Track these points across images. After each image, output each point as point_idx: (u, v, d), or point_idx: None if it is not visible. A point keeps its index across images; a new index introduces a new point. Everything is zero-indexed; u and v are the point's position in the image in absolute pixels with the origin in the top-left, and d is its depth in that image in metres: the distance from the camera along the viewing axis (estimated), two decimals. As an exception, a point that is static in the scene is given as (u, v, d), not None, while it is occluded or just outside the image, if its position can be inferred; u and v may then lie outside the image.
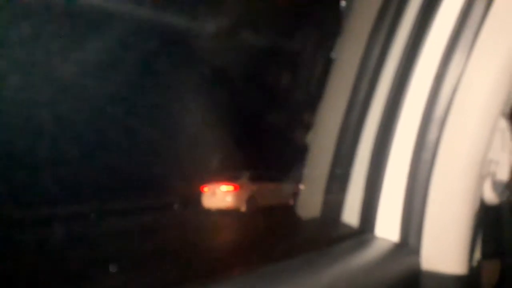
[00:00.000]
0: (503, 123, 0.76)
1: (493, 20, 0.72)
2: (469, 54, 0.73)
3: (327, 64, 0.99)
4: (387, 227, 0.81)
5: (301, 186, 0.99)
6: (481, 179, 0.75)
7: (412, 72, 0.78)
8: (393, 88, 0.81)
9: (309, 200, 0.96)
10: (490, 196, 0.77)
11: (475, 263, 0.83)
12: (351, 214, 0.87)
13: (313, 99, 1.02)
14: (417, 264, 0.77)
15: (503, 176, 0.77)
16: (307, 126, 1.03)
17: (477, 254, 0.85)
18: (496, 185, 0.77)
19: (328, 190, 0.92)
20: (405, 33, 0.81)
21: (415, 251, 0.77)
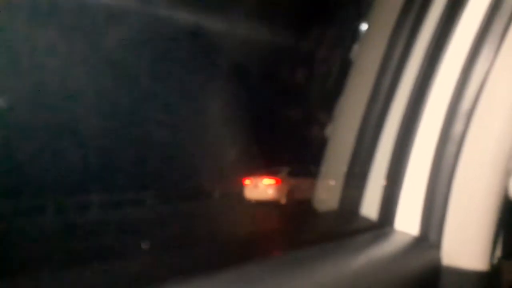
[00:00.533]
0: (531, 119, 0.74)
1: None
2: (498, 49, 0.72)
3: (350, 57, 0.99)
4: (407, 221, 0.80)
5: (321, 179, 0.99)
6: (506, 175, 0.73)
7: (439, 65, 0.77)
8: (418, 80, 0.80)
9: (329, 193, 0.96)
10: (515, 192, 0.75)
11: (495, 261, 0.82)
12: (370, 207, 0.86)
13: (335, 92, 1.01)
14: (437, 258, 0.76)
15: (529, 172, 0.75)
16: (328, 120, 1.02)
17: (498, 252, 0.83)
18: (521, 181, 0.75)
19: (348, 183, 0.91)
20: (432, 26, 0.80)
21: (436, 245, 0.76)
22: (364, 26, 1.04)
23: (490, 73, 0.73)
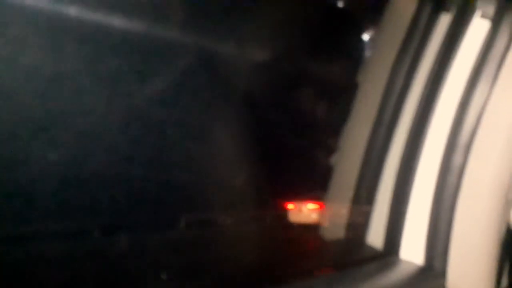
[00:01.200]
0: (529, 150, 0.76)
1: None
2: (494, 81, 0.75)
3: (355, 87, 1.02)
4: (412, 250, 0.82)
5: (327, 207, 1.01)
6: (506, 204, 0.75)
7: (437, 98, 0.80)
8: (418, 113, 0.83)
9: (334, 221, 0.98)
10: (517, 221, 0.77)
11: (502, 290, 0.82)
12: (375, 236, 0.88)
13: (341, 119, 1.04)
14: (442, 288, 0.77)
15: (529, 202, 0.77)
16: (334, 148, 1.05)
17: (504, 282, 0.84)
18: (522, 210, 0.77)
19: (353, 211, 0.93)
20: (431, 58, 0.83)
21: (441, 274, 0.77)
22: (368, 54, 1.08)
23: (487, 106, 0.76)
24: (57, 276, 0.63)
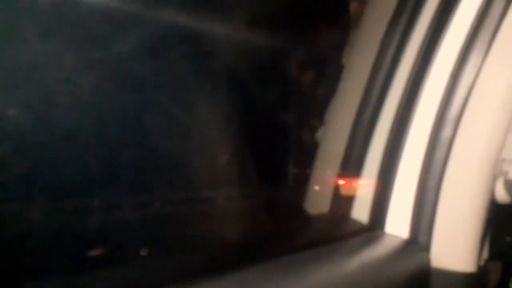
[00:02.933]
0: (517, 124, 0.76)
1: (511, 20, 0.73)
2: (486, 54, 0.74)
3: (341, 64, 1.00)
4: (397, 224, 0.82)
5: (312, 183, 1.00)
6: (493, 178, 0.75)
7: (428, 70, 0.79)
8: (408, 85, 0.82)
9: (319, 196, 0.97)
10: (502, 195, 0.78)
11: (482, 262, 0.84)
12: (361, 211, 0.87)
13: (326, 96, 1.02)
14: (427, 261, 0.77)
15: (515, 176, 0.78)
16: (320, 123, 1.04)
17: (485, 254, 0.86)
18: (508, 184, 0.77)
19: (339, 187, 0.92)
20: (421, 31, 0.82)
21: (425, 248, 0.78)
22: (355, 31, 1.06)
23: (478, 79, 0.75)
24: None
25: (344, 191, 0.92)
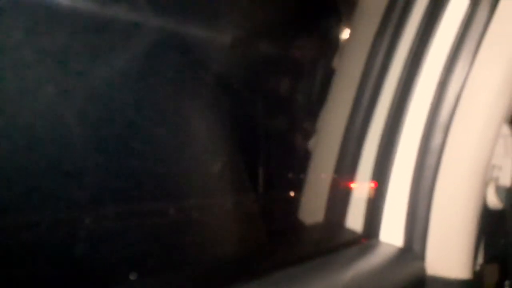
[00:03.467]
0: (506, 129, 0.77)
1: (496, 27, 0.73)
2: (472, 61, 0.74)
3: (332, 70, 1.00)
4: (392, 232, 0.82)
5: (306, 191, 1.00)
6: (484, 184, 0.76)
7: (417, 78, 0.79)
8: (397, 94, 0.82)
9: (313, 205, 0.97)
10: (493, 201, 0.78)
11: (478, 268, 0.84)
12: (355, 220, 0.87)
13: (318, 104, 1.02)
14: (422, 269, 0.77)
15: (506, 181, 0.78)
16: (311, 132, 1.03)
17: (480, 259, 0.86)
18: (499, 190, 0.78)
19: (332, 195, 0.92)
20: (409, 39, 0.82)
21: (420, 256, 0.78)
22: (346, 36, 1.06)
23: (465, 87, 0.75)
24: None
25: (338, 200, 0.92)
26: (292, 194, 1.12)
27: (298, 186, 1.04)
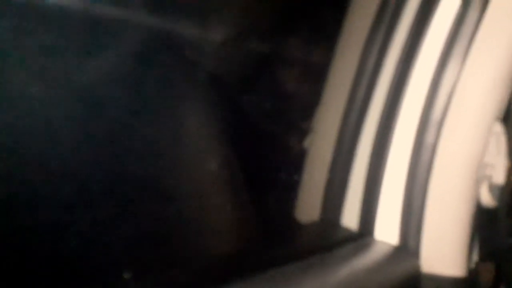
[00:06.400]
0: (498, 127, 0.77)
1: (488, 26, 0.74)
2: (464, 59, 0.75)
3: (325, 69, 1.00)
4: (387, 230, 0.82)
5: (302, 189, 1.00)
6: (477, 182, 0.76)
7: (409, 77, 0.79)
8: (391, 92, 0.82)
9: (308, 204, 0.97)
10: (487, 199, 0.78)
11: (472, 265, 0.84)
12: (351, 217, 0.87)
13: (312, 103, 1.02)
14: (417, 266, 0.78)
15: (499, 179, 0.78)
16: (307, 130, 1.04)
17: (475, 256, 0.86)
18: (492, 188, 0.78)
19: (328, 193, 0.92)
20: (401, 39, 0.82)
21: (415, 254, 0.78)
22: (339, 34, 1.06)
23: (458, 84, 0.76)
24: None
25: (333, 198, 0.92)
26: (287, 192, 1.12)
27: (293, 184, 1.04)
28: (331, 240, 0.86)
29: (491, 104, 0.74)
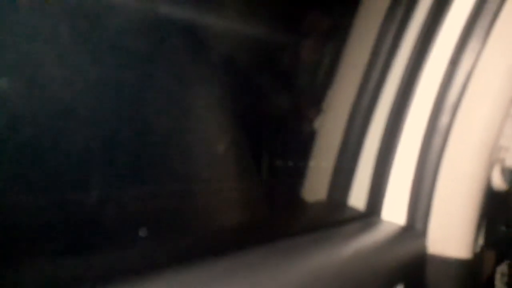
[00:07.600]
0: (515, 111, 0.76)
1: (510, 7, 0.73)
2: (485, 41, 0.74)
3: (340, 50, 1.00)
4: (394, 211, 0.82)
5: (310, 170, 1.00)
6: (490, 165, 0.76)
7: (427, 57, 0.78)
8: (406, 73, 0.82)
9: (317, 183, 0.97)
10: (499, 182, 0.78)
11: (478, 249, 0.84)
12: (358, 198, 0.88)
13: (324, 85, 1.02)
14: (423, 247, 0.78)
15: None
16: (318, 112, 1.03)
17: (481, 240, 0.86)
18: (505, 171, 0.78)
19: (336, 174, 0.93)
20: (420, 17, 0.81)
21: (422, 234, 0.78)
22: (353, 20, 1.05)
23: (477, 66, 0.75)
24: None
25: (341, 179, 0.92)
26: (296, 174, 1.12)
27: (303, 166, 1.04)
28: (339, 218, 0.86)
29: (509, 87, 0.73)
